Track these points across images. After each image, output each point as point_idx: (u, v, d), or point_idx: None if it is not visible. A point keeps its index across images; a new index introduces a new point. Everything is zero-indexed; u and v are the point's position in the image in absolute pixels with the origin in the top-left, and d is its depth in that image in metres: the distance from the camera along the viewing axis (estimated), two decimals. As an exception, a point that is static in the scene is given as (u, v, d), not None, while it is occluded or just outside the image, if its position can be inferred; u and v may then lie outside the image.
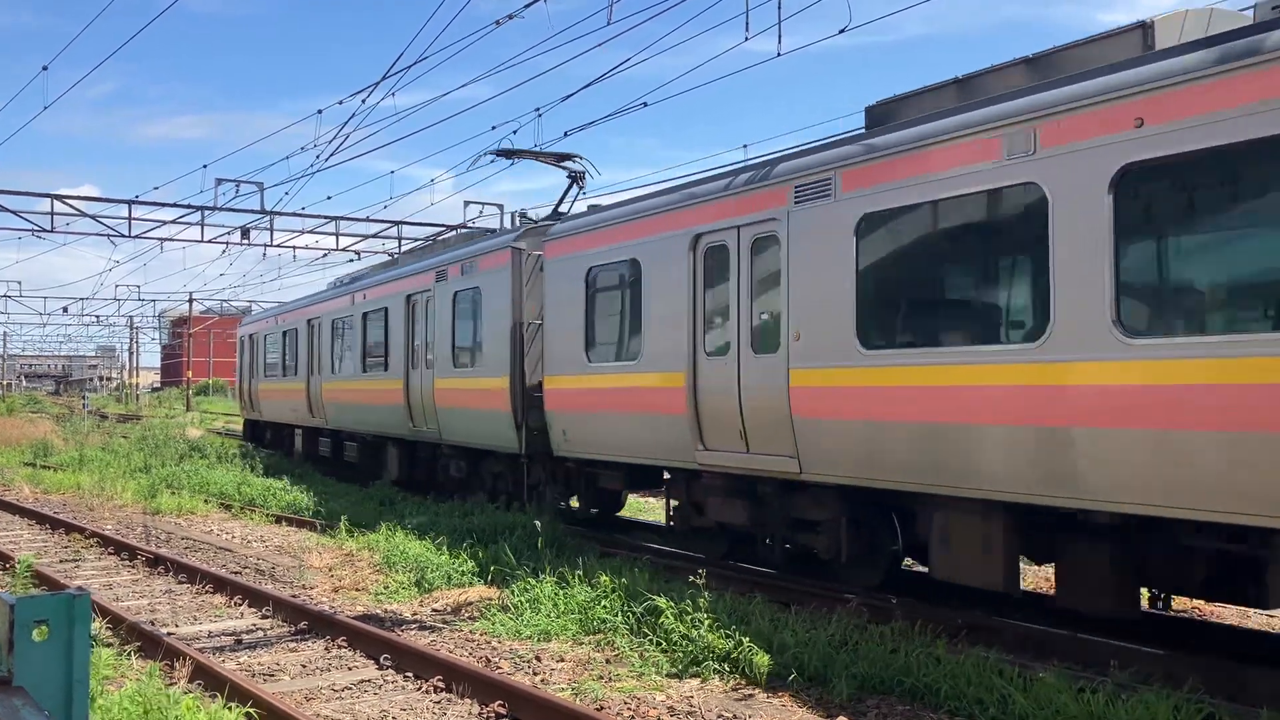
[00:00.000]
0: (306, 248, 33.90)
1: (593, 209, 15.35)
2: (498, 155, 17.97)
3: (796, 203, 10.87)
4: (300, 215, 30.94)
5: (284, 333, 28.07)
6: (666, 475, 13.84)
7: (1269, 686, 7.65)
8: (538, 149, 18.47)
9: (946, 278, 9.90)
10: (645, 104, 17.64)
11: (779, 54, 13.82)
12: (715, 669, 8.44)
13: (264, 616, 10.95)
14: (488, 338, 16.93)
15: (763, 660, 8.26)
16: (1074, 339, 8.21)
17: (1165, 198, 7.99)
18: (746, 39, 13.94)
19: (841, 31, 13.09)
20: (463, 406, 17.50)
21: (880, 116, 10.82)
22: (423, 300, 19.41)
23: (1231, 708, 7.12)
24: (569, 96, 17.19)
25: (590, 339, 14.42)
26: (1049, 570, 11.04)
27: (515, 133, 19.95)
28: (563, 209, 17.67)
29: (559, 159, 18.02)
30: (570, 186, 18.07)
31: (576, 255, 14.68)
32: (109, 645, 9.28)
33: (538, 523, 14.33)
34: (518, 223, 18.38)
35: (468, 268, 17.67)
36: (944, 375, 9.25)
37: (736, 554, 13.10)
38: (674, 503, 13.58)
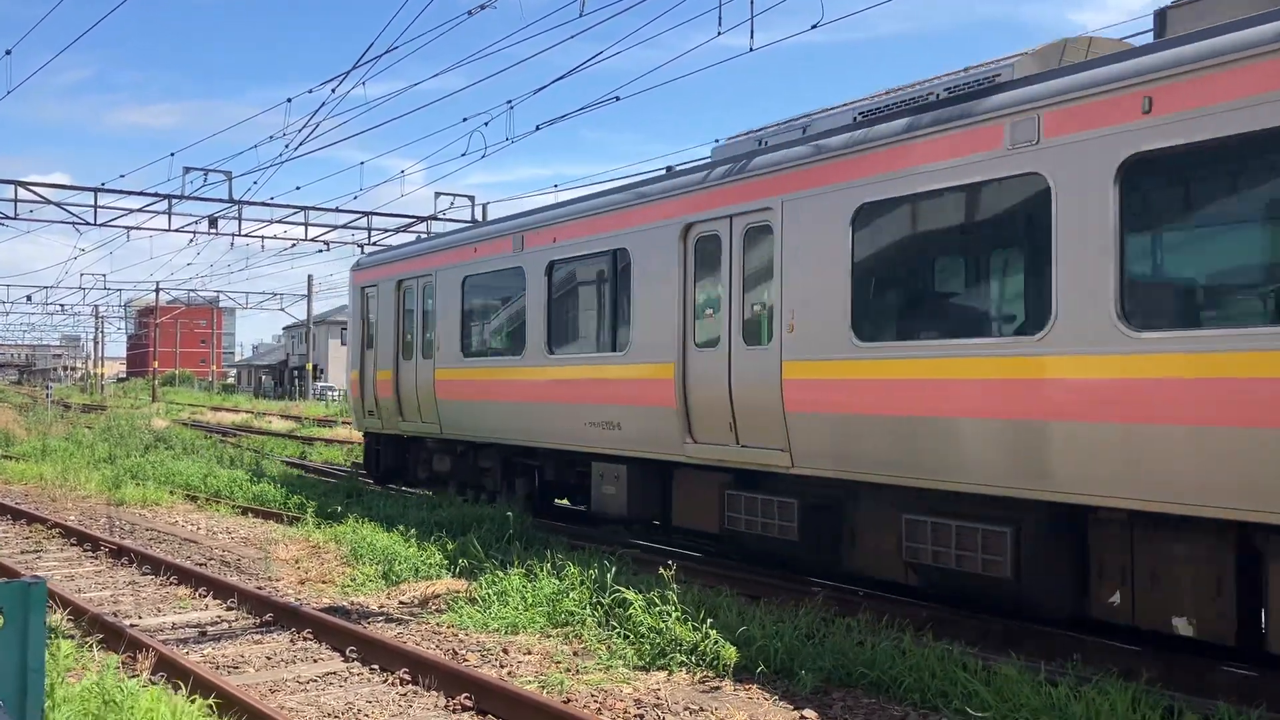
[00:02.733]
0: (275, 238, 33.55)
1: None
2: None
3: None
4: (269, 205, 30.65)
5: (501, 272, 16.00)
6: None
7: (1227, 679, 7.76)
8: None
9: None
10: (618, 98, 17.64)
11: (751, 49, 13.83)
12: (682, 661, 8.46)
13: (229, 609, 10.87)
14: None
15: (729, 652, 8.28)
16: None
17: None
18: (719, 34, 13.95)
19: (814, 27, 13.11)
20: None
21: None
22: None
23: (1190, 700, 7.21)
24: (541, 89, 17.14)
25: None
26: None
27: (487, 124, 19.88)
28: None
29: None
30: None
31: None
32: (70, 637, 9.18)
33: (509, 514, 14.34)
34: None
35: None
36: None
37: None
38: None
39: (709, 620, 8.80)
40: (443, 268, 17.49)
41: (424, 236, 20.70)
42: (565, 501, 17.21)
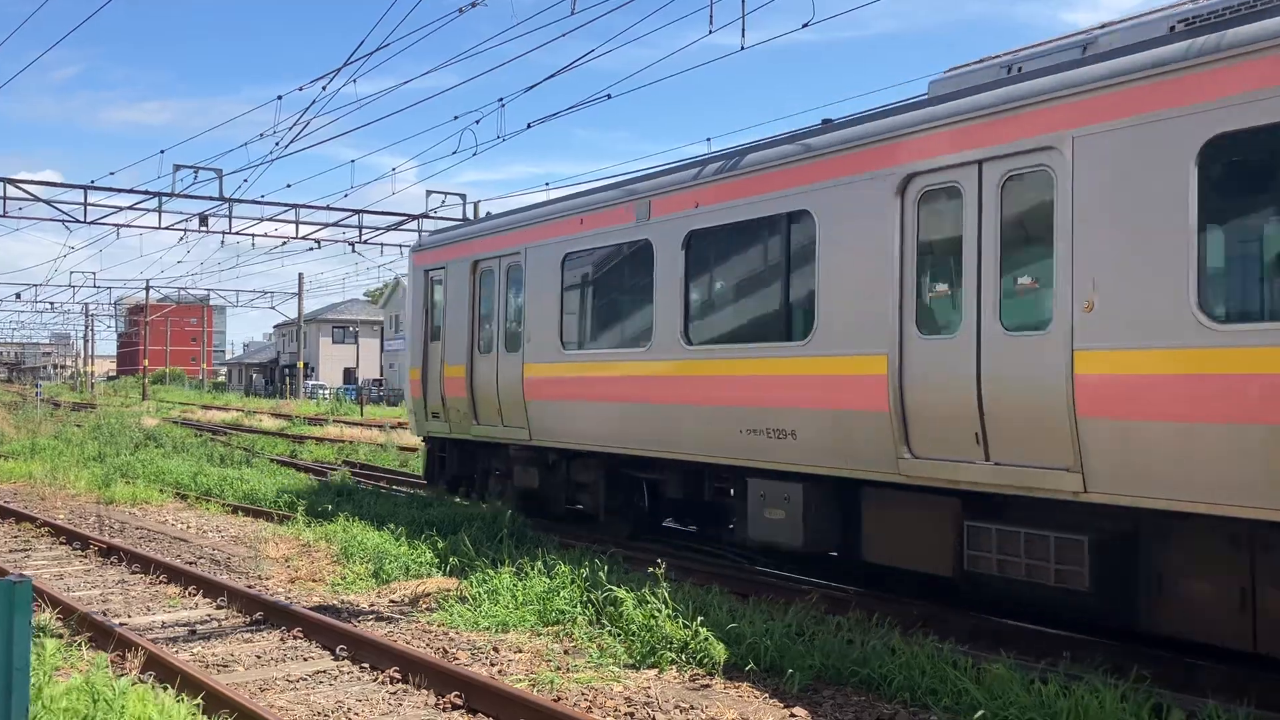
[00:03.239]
0: (266, 235, 33.50)
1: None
2: None
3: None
4: (259, 203, 30.59)
5: (617, 247, 13.59)
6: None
7: (1214, 677, 7.78)
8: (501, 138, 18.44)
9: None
10: (610, 96, 17.61)
11: (742, 47, 13.82)
12: (673, 659, 8.46)
13: (219, 607, 10.84)
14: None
15: (720, 650, 8.29)
16: None
17: None
18: (710, 32, 13.97)
19: (805, 26, 13.10)
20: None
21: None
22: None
23: (1178, 698, 7.23)
24: (533, 87, 17.11)
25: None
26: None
27: (478, 122, 19.82)
28: None
29: None
30: None
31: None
32: (58, 636, 9.14)
33: (510, 512, 14.30)
34: None
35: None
36: None
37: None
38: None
39: (699, 618, 8.81)
40: (535, 245, 14.81)
41: (483, 217, 17.62)
42: (658, 521, 14.81)
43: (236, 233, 32.41)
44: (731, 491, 11.97)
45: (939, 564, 9.42)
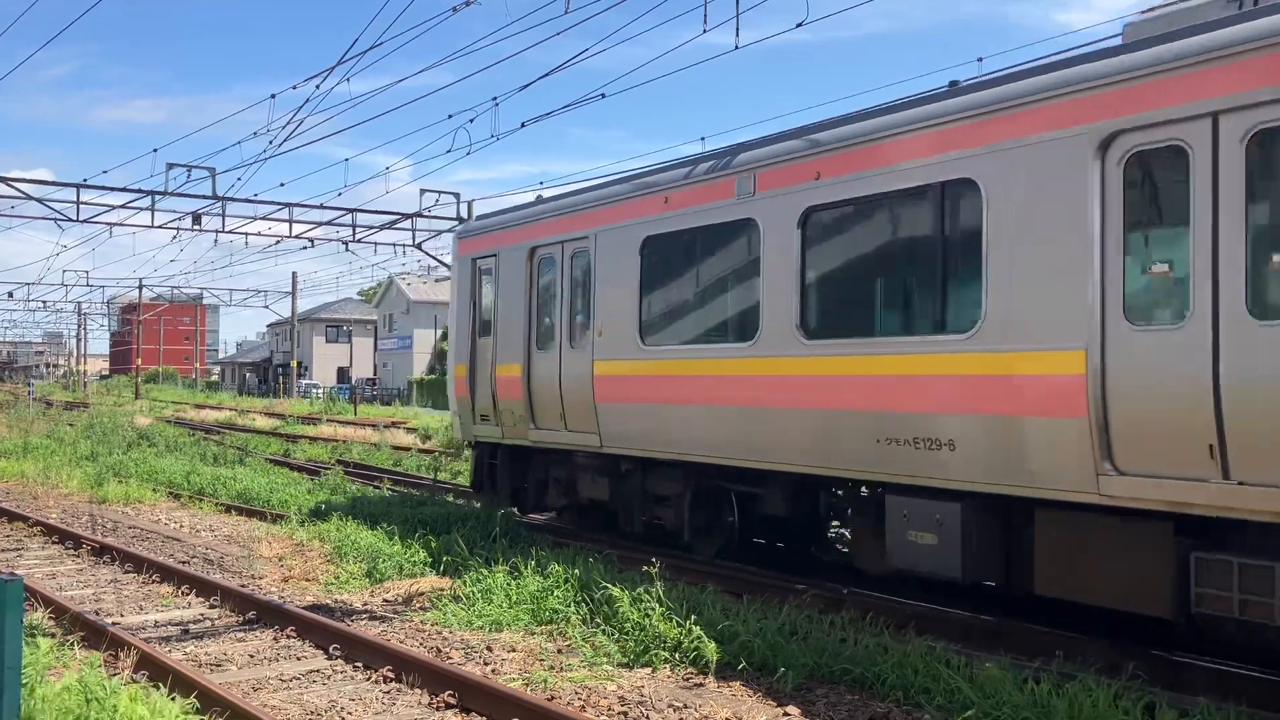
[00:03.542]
0: (259, 234, 33.46)
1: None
2: None
3: None
4: (253, 201, 30.51)
5: (711, 228, 11.84)
6: None
7: (1207, 676, 7.80)
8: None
9: None
10: (604, 95, 17.60)
11: (736, 47, 13.81)
12: (666, 658, 8.47)
13: (212, 606, 10.82)
14: None
15: (713, 649, 8.29)
16: None
17: None
18: (704, 31, 13.94)
19: (799, 25, 13.11)
20: None
21: None
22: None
23: (1171, 696, 7.25)
24: (527, 86, 17.08)
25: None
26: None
27: (472, 121, 19.80)
28: None
29: None
30: None
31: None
32: (51, 635, 9.13)
33: (494, 512, 14.28)
34: None
35: None
36: None
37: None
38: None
39: (693, 617, 8.81)
40: (608, 228, 13.11)
41: (534, 202, 15.53)
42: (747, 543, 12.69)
43: (230, 231, 32.36)
44: (850, 510, 10.80)
45: (1150, 602, 7.84)
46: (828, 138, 10.35)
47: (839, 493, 10.89)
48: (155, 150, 38.09)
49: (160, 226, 31.12)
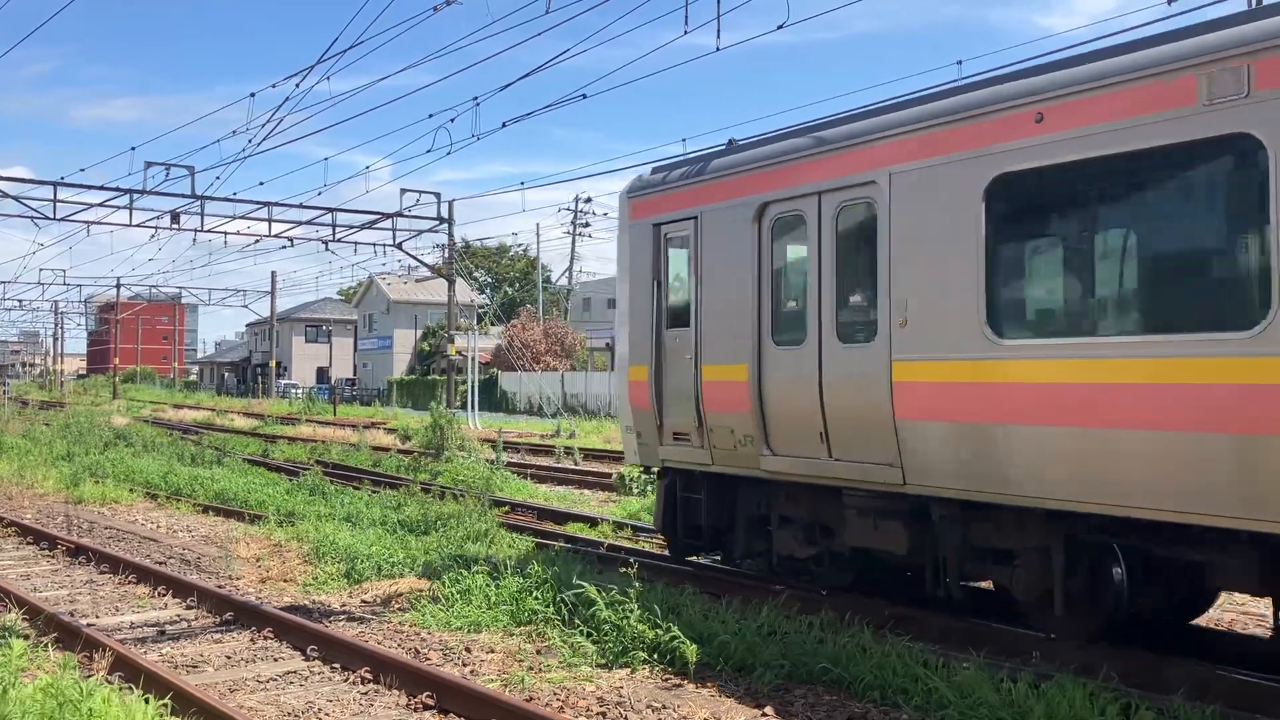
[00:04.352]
0: (238, 233, 33.33)
1: None
2: None
3: None
4: (232, 200, 30.41)
5: (1134, 155, 7.77)
6: None
7: (1182, 676, 7.85)
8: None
9: None
10: (585, 95, 17.64)
11: (718, 49, 13.84)
12: (645, 659, 8.47)
13: (189, 607, 10.76)
14: None
15: (692, 650, 8.29)
16: None
17: None
18: (685, 33, 13.96)
19: (780, 27, 13.14)
20: None
21: None
22: None
23: (1146, 696, 7.30)
24: (507, 86, 17.12)
25: None
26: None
27: (453, 121, 19.78)
28: None
29: None
30: None
31: None
32: (24, 636, 9.04)
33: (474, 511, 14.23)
34: None
35: None
36: None
37: None
38: None
39: (671, 617, 8.81)
40: (913, 167, 9.16)
41: (744, 142, 11.63)
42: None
43: (208, 230, 32.24)
44: None
45: None
46: None
47: None
48: (134, 148, 37.92)
49: (138, 225, 30.98)
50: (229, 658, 8.94)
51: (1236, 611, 10.38)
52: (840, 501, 10.10)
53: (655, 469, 12.63)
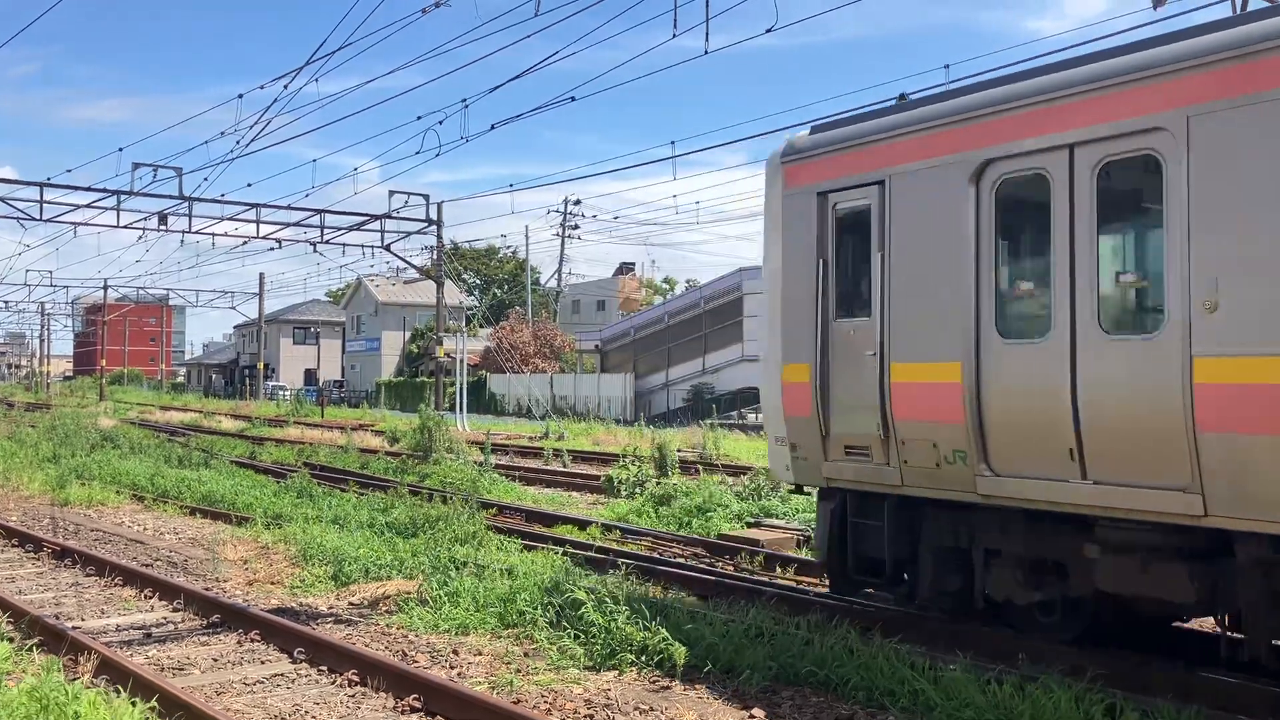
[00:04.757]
0: (226, 235, 33.27)
1: None
2: None
3: None
4: (220, 202, 30.34)
5: None
6: None
7: (1167, 678, 7.89)
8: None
9: None
10: (573, 98, 17.65)
11: (707, 51, 13.88)
12: (632, 661, 8.47)
13: (175, 610, 10.72)
14: None
15: (679, 652, 8.30)
16: None
17: None
18: (674, 35, 14.01)
19: (768, 31, 13.20)
20: None
21: None
22: None
23: (1132, 698, 7.33)
24: (497, 88, 17.16)
25: None
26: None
27: (441, 123, 19.78)
28: None
29: None
30: None
31: None
32: (9, 639, 9.00)
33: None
34: None
35: None
36: None
37: None
38: None
39: (659, 619, 8.82)
40: (1231, 106, 7.04)
41: (952, 87, 9.80)
42: None
43: (196, 232, 32.17)
44: None
45: None
46: None
47: None
48: (121, 149, 37.87)
49: (126, 226, 30.93)
50: (216, 660, 8.92)
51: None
52: (1089, 536, 8.10)
53: (810, 488, 10.55)
